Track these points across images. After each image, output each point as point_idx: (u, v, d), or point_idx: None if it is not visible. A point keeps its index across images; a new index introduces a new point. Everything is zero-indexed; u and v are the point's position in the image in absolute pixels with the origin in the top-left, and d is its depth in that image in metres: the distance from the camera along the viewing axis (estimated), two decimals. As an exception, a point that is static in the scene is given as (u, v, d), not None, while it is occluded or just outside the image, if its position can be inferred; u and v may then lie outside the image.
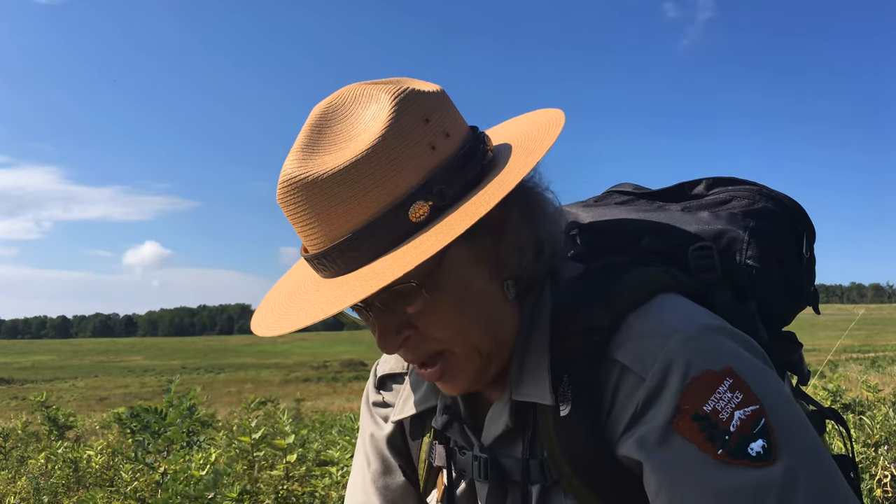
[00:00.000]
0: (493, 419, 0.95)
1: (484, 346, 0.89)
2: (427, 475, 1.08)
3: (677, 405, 0.78)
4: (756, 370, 0.81)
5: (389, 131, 0.81)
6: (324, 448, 5.02)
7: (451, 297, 0.85)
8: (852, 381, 8.90)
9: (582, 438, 0.85)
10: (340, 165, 0.80)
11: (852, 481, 1.00)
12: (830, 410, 1.07)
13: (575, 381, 0.86)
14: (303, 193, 0.82)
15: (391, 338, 0.87)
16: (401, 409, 1.10)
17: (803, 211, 1.04)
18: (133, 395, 36.94)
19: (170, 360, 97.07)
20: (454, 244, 0.80)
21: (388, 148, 0.80)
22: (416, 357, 0.90)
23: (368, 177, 0.80)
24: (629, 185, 1.15)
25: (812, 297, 1.05)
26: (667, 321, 0.83)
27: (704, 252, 0.97)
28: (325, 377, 49.50)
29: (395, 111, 0.82)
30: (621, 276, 0.89)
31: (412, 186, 0.81)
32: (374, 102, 0.84)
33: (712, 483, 0.76)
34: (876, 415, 4.58)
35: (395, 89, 0.84)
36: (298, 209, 0.83)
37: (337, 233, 0.81)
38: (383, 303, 0.85)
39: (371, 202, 0.80)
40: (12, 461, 6.52)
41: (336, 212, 0.81)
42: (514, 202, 0.87)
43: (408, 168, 0.81)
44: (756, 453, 0.76)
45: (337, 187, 0.80)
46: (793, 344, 1.05)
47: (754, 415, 0.77)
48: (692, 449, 0.77)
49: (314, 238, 0.83)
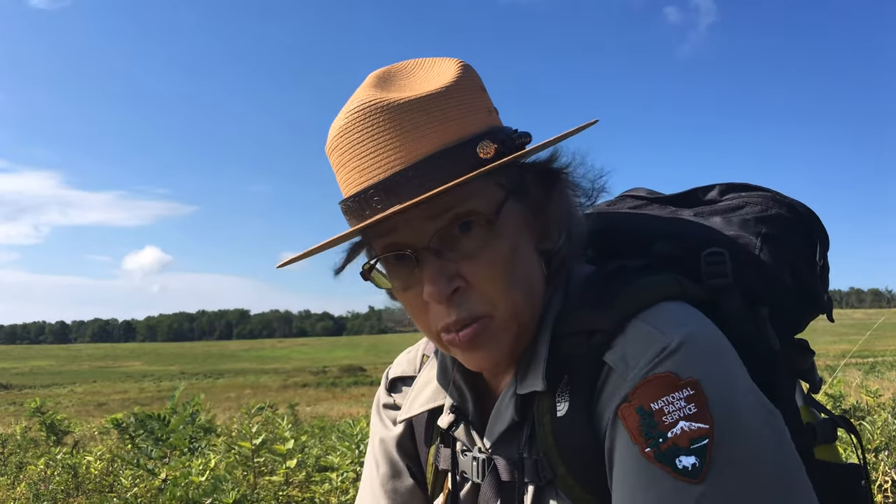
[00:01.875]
0: (497, 415, 0.95)
1: (524, 314, 0.89)
2: (434, 478, 1.08)
3: (627, 395, 0.79)
4: (727, 393, 0.78)
5: (460, 81, 0.88)
6: (323, 454, 5.02)
7: (504, 250, 0.87)
8: (851, 386, 8.89)
9: (577, 438, 0.85)
10: (416, 95, 0.85)
11: (863, 490, 1.00)
12: (842, 418, 1.05)
13: (573, 382, 0.86)
14: (378, 116, 0.84)
15: (442, 284, 0.85)
16: (408, 408, 1.10)
17: (817, 218, 1.04)
18: (132, 400, 36.85)
19: (168, 365, 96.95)
20: (510, 201, 0.88)
21: (459, 91, 0.87)
22: (459, 316, 0.87)
23: (441, 111, 0.85)
24: (643, 190, 1.15)
25: (826, 304, 1.04)
26: (659, 326, 0.83)
27: (716, 258, 0.96)
28: (324, 382, 49.45)
29: (462, 71, 0.90)
30: (629, 282, 0.89)
31: (478, 130, 0.86)
32: (438, 66, 0.92)
33: (633, 475, 0.77)
34: (876, 420, 4.58)
35: (456, 60, 0.92)
36: (366, 135, 0.84)
37: (407, 158, 0.83)
38: (438, 245, 0.85)
39: (443, 133, 0.84)
40: (11, 467, 6.51)
41: (410, 136, 0.83)
42: (556, 185, 0.93)
43: (474, 115, 0.87)
44: (682, 467, 0.74)
45: (414, 112, 0.84)
46: (805, 351, 1.04)
47: (699, 432, 0.75)
48: (626, 436, 0.78)
49: (379, 166, 0.84)
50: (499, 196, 0.87)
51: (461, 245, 0.86)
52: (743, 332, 0.92)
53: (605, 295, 0.89)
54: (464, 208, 0.84)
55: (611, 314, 0.86)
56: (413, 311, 0.92)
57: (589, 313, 0.88)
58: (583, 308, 0.89)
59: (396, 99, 0.84)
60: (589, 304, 0.89)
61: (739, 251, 0.97)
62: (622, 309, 0.86)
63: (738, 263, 0.96)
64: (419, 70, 0.92)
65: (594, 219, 1.07)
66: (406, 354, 1.20)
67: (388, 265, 0.91)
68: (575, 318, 0.89)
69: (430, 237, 0.85)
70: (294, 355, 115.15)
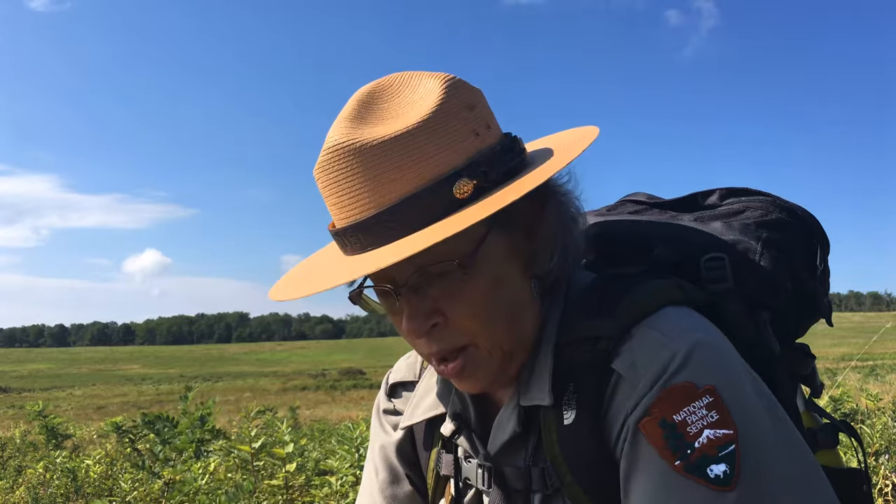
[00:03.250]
0: (500, 425, 0.95)
1: (508, 342, 0.89)
2: (435, 484, 1.07)
3: (648, 408, 0.79)
4: (744, 396, 0.79)
5: (439, 110, 0.84)
6: (323, 457, 5.02)
7: (484, 286, 0.85)
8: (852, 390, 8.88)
9: (584, 447, 0.85)
10: (390, 135, 0.82)
11: (866, 495, 1.00)
12: (843, 423, 1.05)
13: (579, 390, 0.86)
14: (349, 160, 0.82)
15: (420, 321, 0.85)
16: (410, 416, 1.10)
17: (817, 222, 1.04)
18: (131, 403, 36.78)
19: (167, 368, 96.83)
20: (492, 232, 0.85)
21: (437, 124, 0.83)
22: (440, 348, 0.88)
23: (417, 149, 0.82)
24: (642, 195, 1.15)
25: (826, 309, 1.04)
26: (666, 332, 0.83)
27: (717, 262, 0.96)
28: (323, 385, 49.31)
29: (445, 93, 0.86)
30: (630, 287, 0.89)
31: (458, 164, 0.83)
32: (422, 86, 0.88)
33: (663, 491, 0.76)
34: (875, 423, 4.58)
35: (443, 76, 0.88)
36: (341, 176, 0.83)
37: (379, 202, 0.82)
38: (417, 283, 0.85)
39: (417, 174, 0.81)
40: (10, 471, 6.51)
41: (381, 180, 0.81)
42: (550, 201, 0.90)
43: (454, 146, 0.83)
44: (715, 476, 0.75)
45: (384, 156, 0.81)
46: (806, 356, 1.04)
47: (725, 438, 0.76)
48: (652, 452, 0.77)
49: (353, 207, 0.84)
50: (480, 232, 0.85)
51: (439, 282, 0.85)
52: (744, 336, 0.92)
53: (607, 301, 0.88)
54: (438, 256, 0.82)
55: (614, 320, 0.86)
56: (401, 334, 0.92)
57: (591, 320, 0.87)
58: (585, 315, 0.89)
59: (369, 140, 0.82)
60: (591, 311, 0.89)
61: (740, 256, 0.97)
62: (626, 314, 0.86)
63: (738, 268, 0.96)
64: (402, 90, 0.89)
65: (593, 224, 1.06)
66: (406, 360, 1.20)
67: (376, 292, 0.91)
68: (577, 326, 0.88)
69: (408, 276, 0.85)
70: (293, 358, 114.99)
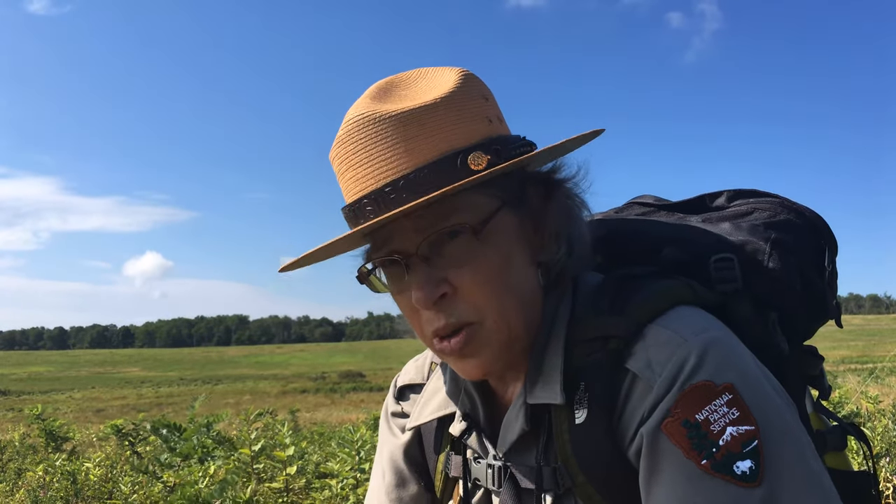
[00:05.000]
0: (508, 424, 0.95)
1: (514, 323, 0.90)
2: (444, 486, 1.08)
3: (669, 409, 0.79)
4: (760, 393, 0.80)
5: (458, 91, 0.89)
6: (323, 460, 5.01)
7: (494, 259, 0.88)
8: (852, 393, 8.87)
9: (597, 446, 0.85)
10: (410, 107, 0.86)
11: (873, 498, 1.00)
12: (851, 425, 1.06)
13: (591, 390, 0.86)
14: (370, 129, 0.86)
15: (430, 289, 0.86)
16: (418, 415, 1.10)
17: (825, 223, 1.04)
18: (130, 406, 36.75)
19: (167, 371, 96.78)
20: (503, 210, 0.88)
21: (455, 103, 0.88)
22: (446, 322, 0.88)
23: (436, 122, 0.86)
24: (650, 197, 1.16)
25: (834, 310, 1.04)
26: (680, 332, 0.83)
27: (725, 263, 0.96)
28: (323, 388, 49.32)
29: (462, 80, 0.91)
30: (641, 287, 0.90)
31: (473, 140, 0.87)
32: (440, 75, 0.93)
33: (691, 491, 0.76)
34: (876, 426, 4.58)
35: (459, 69, 0.93)
36: (360, 147, 0.87)
37: (397, 170, 0.85)
38: (426, 252, 0.87)
39: (434, 145, 0.85)
40: (10, 474, 6.50)
41: (399, 150, 0.85)
42: (556, 192, 0.94)
43: (470, 125, 0.88)
44: (742, 472, 0.75)
45: (404, 126, 0.85)
46: (814, 357, 1.04)
47: (748, 434, 0.76)
48: (677, 453, 0.78)
49: (371, 177, 0.86)
50: (491, 206, 0.88)
51: (449, 252, 0.87)
52: (753, 336, 0.92)
53: (618, 301, 0.89)
54: (451, 219, 0.86)
55: (626, 319, 0.86)
56: (407, 314, 0.93)
57: (602, 319, 0.88)
58: (595, 315, 0.89)
59: (390, 111, 0.86)
60: (601, 311, 0.89)
61: (748, 257, 0.97)
62: (637, 314, 0.86)
63: (747, 269, 0.96)
64: (420, 80, 0.93)
65: (602, 226, 1.07)
66: (414, 362, 1.20)
67: (384, 270, 0.93)
68: (588, 325, 0.89)
69: (418, 245, 0.87)
70: (293, 361, 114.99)
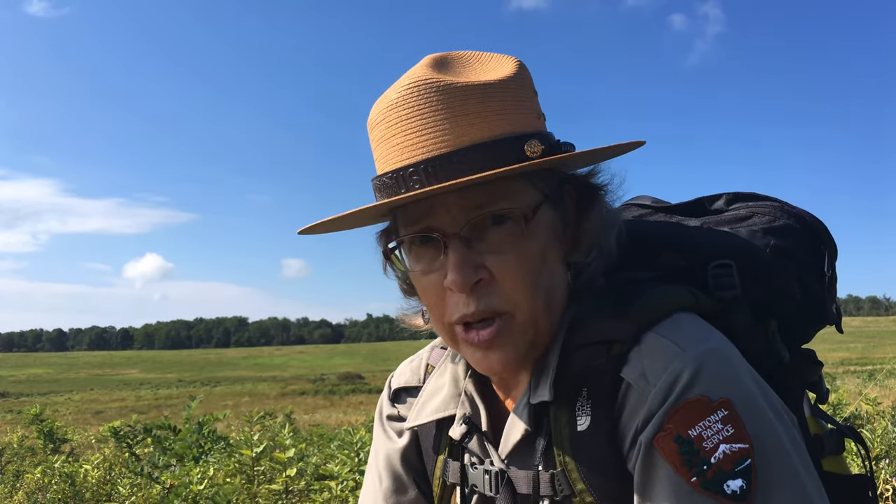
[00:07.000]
0: (512, 425, 0.94)
1: (542, 319, 0.88)
2: (441, 493, 1.06)
3: (662, 423, 0.78)
4: (757, 409, 0.78)
5: (518, 76, 0.88)
6: (322, 462, 5.00)
7: (533, 253, 0.86)
8: (851, 395, 8.88)
9: (598, 455, 0.84)
10: (474, 81, 0.84)
11: (872, 501, 0.99)
12: (849, 429, 1.05)
13: (593, 396, 0.85)
14: (431, 96, 0.83)
15: (468, 272, 0.84)
16: (416, 416, 1.07)
17: (825, 228, 1.03)
18: (129, 408, 36.65)
19: (166, 373, 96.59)
20: (545, 205, 0.88)
21: (515, 88, 0.87)
22: (477, 309, 0.85)
23: (497, 103, 0.84)
24: (647, 198, 1.14)
25: (833, 316, 1.03)
26: (677, 341, 0.82)
27: (724, 270, 0.95)
28: (322, 390, 49.18)
29: (521, 69, 0.90)
30: (643, 292, 0.89)
31: (529, 128, 0.86)
32: (495, 59, 0.91)
33: None
34: (876, 428, 4.58)
35: (514, 58, 0.91)
36: (415, 112, 0.83)
37: (454, 143, 0.82)
38: (467, 234, 0.85)
39: (493, 125, 0.84)
40: (8, 475, 6.49)
41: (459, 122, 0.83)
42: (595, 198, 0.93)
43: (526, 114, 0.87)
44: (731, 492, 0.74)
45: (468, 100, 0.83)
46: (813, 363, 1.03)
47: (741, 453, 0.75)
48: (668, 468, 0.77)
49: (425, 144, 0.83)
50: (537, 198, 0.87)
51: (492, 238, 0.85)
52: (752, 345, 0.91)
53: (621, 305, 0.88)
54: (501, 202, 0.84)
55: (627, 323, 0.85)
56: (429, 297, 0.90)
57: (604, 322, 0.87)
58: (598, 318, 0.88)
59: (453, 81, 0.84)
60: (604, 314, 0.88)
61: (747, 263, 0.96)
62: (638, 318, 0.85)
63: (745, 276, 0.95)
64: (475, 61, 0.91)
65: None
66: (409, 363, 1.17)
67: (412, 248, 0.90)
68: (590, 328, 0.88)
69: (462, 225, 0.84)
70: (292, 363, 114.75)
